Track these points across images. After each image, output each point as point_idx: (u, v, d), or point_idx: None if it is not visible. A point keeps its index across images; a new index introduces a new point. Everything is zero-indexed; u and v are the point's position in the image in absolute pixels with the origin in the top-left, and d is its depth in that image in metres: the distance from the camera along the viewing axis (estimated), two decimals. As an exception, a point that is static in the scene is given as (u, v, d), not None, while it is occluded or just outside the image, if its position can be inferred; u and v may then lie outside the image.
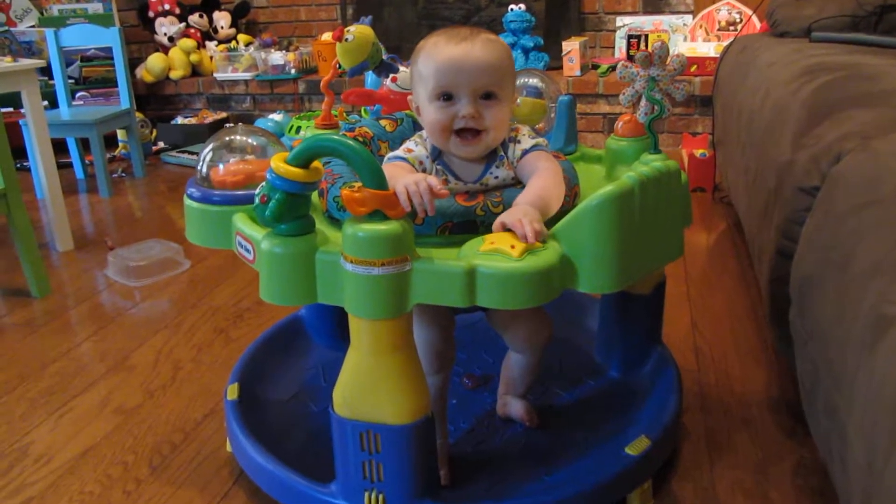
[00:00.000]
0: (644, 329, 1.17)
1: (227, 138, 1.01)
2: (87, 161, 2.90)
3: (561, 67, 3.03)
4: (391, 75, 1.22)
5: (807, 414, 0.86)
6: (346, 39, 1.12)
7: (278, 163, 0.77)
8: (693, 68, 2.77)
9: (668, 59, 0.99)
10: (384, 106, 1.25)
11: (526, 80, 1.24)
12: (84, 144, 2.86)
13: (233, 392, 1.12)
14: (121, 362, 1.44)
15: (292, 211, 0.79)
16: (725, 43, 2.75)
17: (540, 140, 0.94)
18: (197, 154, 3.05)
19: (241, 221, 0.90)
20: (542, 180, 0.86)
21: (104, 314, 1.66)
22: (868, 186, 0.78)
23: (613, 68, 3.06)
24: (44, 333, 1.57)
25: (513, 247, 0.77)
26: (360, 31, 1.14)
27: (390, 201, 0.75)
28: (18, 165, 2.87)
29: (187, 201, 0.98)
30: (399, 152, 0.96)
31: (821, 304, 0.80)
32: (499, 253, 0.77)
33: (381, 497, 0.86)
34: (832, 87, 1.13)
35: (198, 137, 3.27)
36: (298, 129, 3.05)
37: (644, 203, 0.81)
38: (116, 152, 3.08)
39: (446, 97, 0.89)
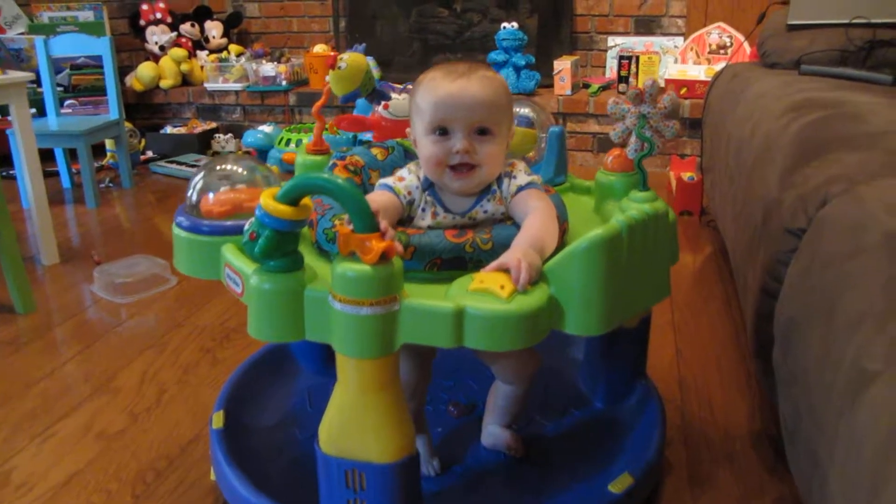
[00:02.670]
0: (629, 362, 1.18)
1: (218, 167, 1.01)
2: (73, 170, 2.88)
3: (552, 86, 3.05)
4: (383, 102, 1.22)
5: (788, 456, 0.87)
6: (339, 67, 1.13)
7: (267, 200, 0.77)
8: (683, 91, 2.79)
9: (660, 97, 1.00)
10: (376, 132, 1.25)
11: (517, 109, 1.25)
12: (71, 153, 2.84)
13: (218, 420, 1.11)
14: (105, 384, 1.42)
15: (281, 248, 0.79)
16: (716, 66, 2.79)
17: (535, 177, 0.95)
18: (186, 164, 3.05)
19: (231, 253, 0.90)
20: (539, 221, 0.87)
21: (89, 332, 1.65)
22: (853, 234, 0.79)
23: (605, 88, 3.08)
24: (28, 352, 1.56)
25: (502, 287, 0.77)
26: (353, 59, 1.14)
27: (364, 246, 0.74)
28: (4, 174, 2.85)
29: (176, 230, 0.98)
30: (389, 181, 0.97)
31: (804, 349, 0.81)
32: (488, 293, 0.77)
33: (365, 534, 0.86)
34: (820, 126, 1.14)
35: (187, 147, 3.26)
36: (288, 141, 3.05)
37: (632, 246, 0.82)
38: (104, 162, 3.07)
39: (441, 132, 0.90)
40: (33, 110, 2.91)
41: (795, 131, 1.17)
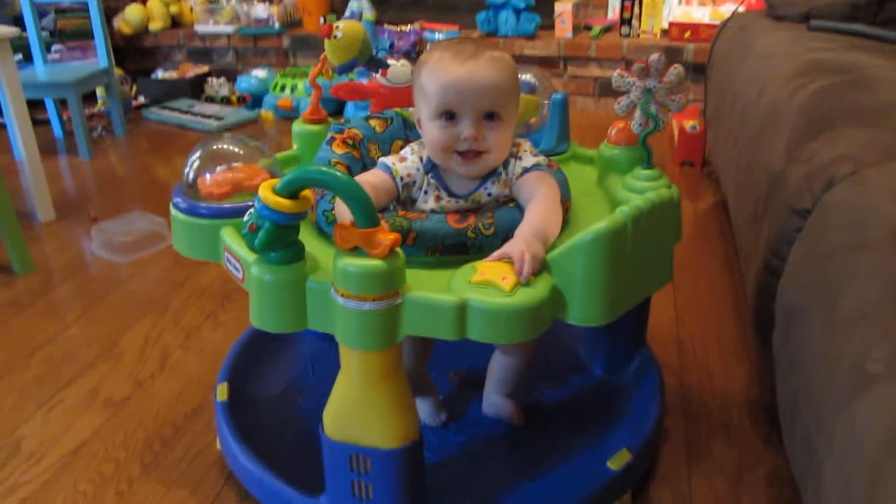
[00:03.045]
0: (629, 331, 1.18)
1: (214, 146, 0.99)
2: (65, 117, 2.82)
3: (552, 28, 2.96)
4: (381, 69, 1.19)
5: (784, 437, 0.89)
6: (335, 37, 1.09)
7: (267, 193, 0.75)
8: (687, 34, 2.72)
9: (666, 71, 0.98)
10: (374, 100, 1.23)
11: (520, 76, 1.22)
12: (62, 100, 2.78)
13: (222, 392, 1.13)
14: (109, 348, 1.43)
15: (282, 240, 0.78)
16: (721, 8, 2.71)
17: (540, 158, 0.94)
18: (179, 111, 2.98)
19: (230, 238, 0.89)
20: (543, 207, 0.86)
21: (90, 294, 1.65)
22: (858, 226, 0.78)
23: (607, 30, 3.00)
24: (30, 315, 1.56)
25: (505, 279, 0.77)
26: (349, 27, 1.10)
27: (372, 241, 0.74)
28: (-6, 122, 2.80)
29: (173, 211, 0.97)
30: (388, 160, 0.96)
31: (805, 338, 0.82)
32: (490, 286, 0.77)
33: (370, 513, 0.88)
34: (829, 95, 1.12)
35: (180, 92, 3.19)
36: (283, 86, 2.98)
37: (636, 237, 0.81)
38: (96, 109, 3.00)
39: (449, 116, 0.88)
40: (19, 56, 2.83)
41: (803, 99, 1.15)
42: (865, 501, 0.60)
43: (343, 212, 0.78)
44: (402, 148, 1.01)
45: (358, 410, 0.83)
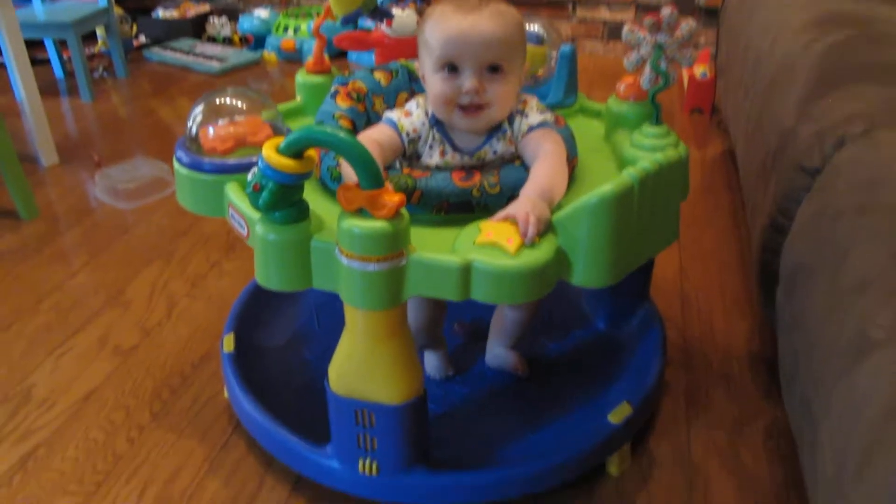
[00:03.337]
0: (633, 285, 1.18)
1: (217, 100, 0.97)
2: (65, 57, 2.77)
3: (562, -33, 2.88)
4: (386, 19, 1.16)
5: (784, 395, 0.90)
6: (339, -15, 1.06)
7: (270, 153, 0.75)
8: (701, -24, 2.64)
9: (678, 25, 0.95)
10: (378, 50, 1.20)
11: (527, 27, 1.19)
12: (61, 39, 2.72)
13: (229, 343, 1.14)
14: (116, 296, 1.45)
15: (286, 200, 0.78)
16: (737, -52, 2.61)
17: (547, 116, 0.92)
18: (181, 51, 2.92)
19: (235, 194, 0.89)
20: (548, 167, 0.85)
21: (96, 240, 1.65)
22: (867, 188, 0.78)
23: (617, -30, 2.90)
24: (37, 262, 1.57)
25: (509, 240, 0.77)
26: (353, -26, 1.07)
27: (377, 202, 0.73)
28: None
29: (177, 165, 0.96)
30: (394, 115, 0.95)
31: (808, 298, 0.82)
32: (495, 247, 0.77)
33: (374, 464, 0.90)
34: (843, 50, 1.09)
35: (181, 32, 3.13)
36: (286, 27, 2.92)
37: (642, 199, 0.80)
38: (96, 49, 2.95)
39: (451, 69, 0.87)
40: (16, -7, 2.76)
41: (817, 54, 1.12)
42: (862, 466, 0.61)
43: (348, 172, 0.78)
44: (407, 100, 0.99)
45: (363, 367, 0.84)
